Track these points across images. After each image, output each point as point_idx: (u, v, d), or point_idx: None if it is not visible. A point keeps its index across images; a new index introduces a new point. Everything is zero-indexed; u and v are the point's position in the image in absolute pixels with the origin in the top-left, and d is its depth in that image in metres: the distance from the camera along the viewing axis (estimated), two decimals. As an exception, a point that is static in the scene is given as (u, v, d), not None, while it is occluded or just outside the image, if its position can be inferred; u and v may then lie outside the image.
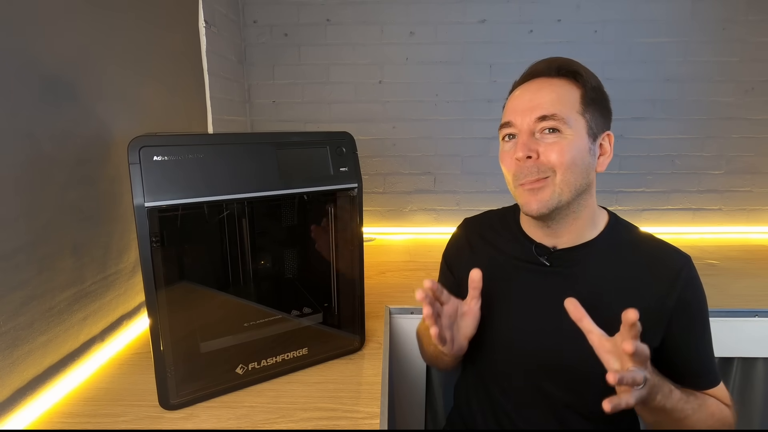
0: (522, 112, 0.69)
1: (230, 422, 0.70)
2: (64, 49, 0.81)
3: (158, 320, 0.68)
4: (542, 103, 0.68)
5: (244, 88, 1.77)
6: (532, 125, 0.68)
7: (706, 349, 0.72)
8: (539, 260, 0.75)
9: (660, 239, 0.75)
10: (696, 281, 0.71)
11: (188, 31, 1.30)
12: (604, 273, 0.72)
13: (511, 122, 0.71)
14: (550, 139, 0.68)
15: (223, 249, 0.81)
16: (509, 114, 0.72)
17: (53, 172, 0.78)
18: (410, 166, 1.85)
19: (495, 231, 0.83)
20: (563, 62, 0.71)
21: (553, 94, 0.69)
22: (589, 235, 0.74)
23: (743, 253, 1.60)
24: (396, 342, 1.13)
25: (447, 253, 0.91)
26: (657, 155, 1.80)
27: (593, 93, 0.70)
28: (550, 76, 0.71)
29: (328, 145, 0.79)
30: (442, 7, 1.71)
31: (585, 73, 0.70)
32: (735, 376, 1.21)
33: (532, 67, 0.73)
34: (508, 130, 0.72)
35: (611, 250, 0.73)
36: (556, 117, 0.67)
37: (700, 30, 1.69)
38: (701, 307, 0.71)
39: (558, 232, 0.73)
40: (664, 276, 0.69)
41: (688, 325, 0.70)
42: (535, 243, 0.76)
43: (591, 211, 0.74)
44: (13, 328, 0.69)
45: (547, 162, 0.67)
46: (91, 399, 0.76)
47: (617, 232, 0.75)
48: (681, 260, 0.71)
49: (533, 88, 0.71)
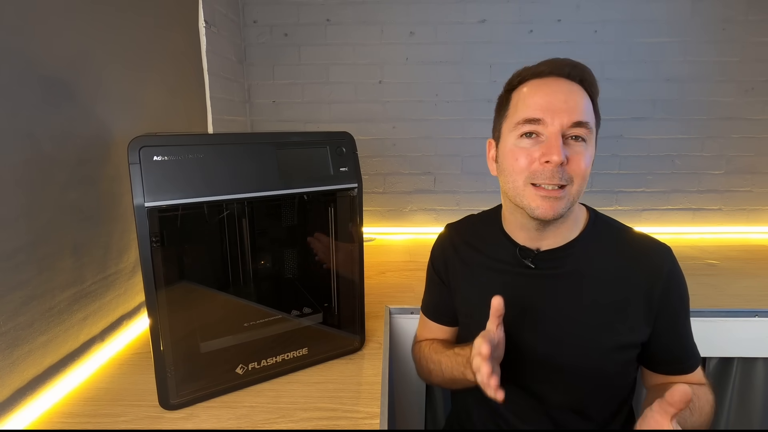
0: (556, 112, 0.65)
1: (230, 422, 0.70)
2: (64, 49, 0.81)
3: (158, 320, 0.68)
4: (578, 108, 0.65)
5: (244, 88, 1.77)
6: (565, 128, 0.65)
7: (688, 335, 0.74)
8: (524, 263, 0.74)
9: (639, 232, 0.75)
10: (678, 271, 0.72)
11: (188, 31, 1.30)
12: (589, 271, 0.72)
13: (542, 120, 0.65)
14: (576, 147, 0.66)
15: (223, 249, 0.81)
16: (538, 110, 0.66)
17: (53, 172, 0.78)
18: (410, 166, 1.85)
19: (479, 235, 0.83)
20: (585, 69, 0.68)
21: (584, 101, 0.67)
22: (572, 234, 0.74)
23: (743, 253, 1.60)
24: (396, 342, 1.13)
25: (434, 260, 0.90)
26: (657, 155, 1.80)
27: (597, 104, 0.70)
28: (574, 80, 0.68)
29: (328, 145, 0.79)
30: (442, 7, 1.71)
31: (596, 85, 0.69)
32: (735, 376, 1.21)
33: (553, 64, 0.68)
34: (533, 128, 0.66)
35: (594, 248, 0.73)
36: (588, 126, 0.66)
37: (700, 30, 1.69)
38: (683, 297, 0.73)
39: (544, 234, 0.73)
40: (648, 270, 0.70)
41: (673, 315, 0.71)
42: (519, 246, 0.76)
43: (575, 214, 0.74)
44: (13, 328, 0.69)
45: (570, 170, 0.65)
46: (91, 399, 0.76)
47: (598, 228, 0.75)
48: (663, 252, 0.72)
49: (564, 89, 0.67)
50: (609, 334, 0.69)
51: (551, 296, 0.72)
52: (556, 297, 0.72)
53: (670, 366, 0.74)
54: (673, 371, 0.73)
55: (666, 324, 0.71)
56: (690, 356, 0.73)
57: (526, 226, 0.73)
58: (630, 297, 0.70)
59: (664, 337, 0.71)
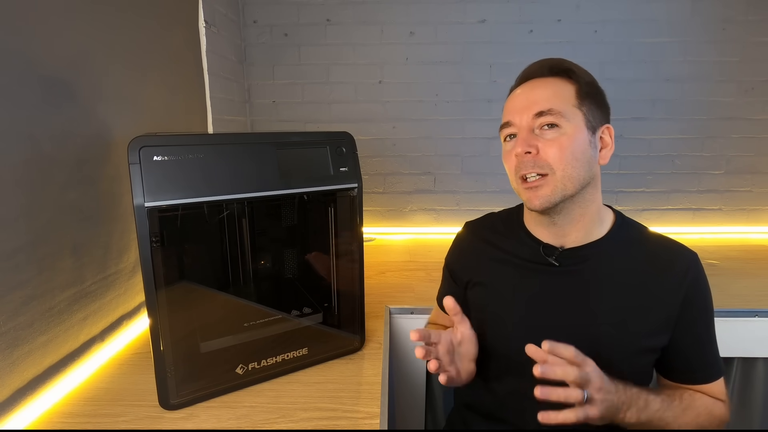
0: (519, 111, 0.71)
1: (230, 422, 0.70)
2: (64, 49, 0.81)
3: (158, 320, 0.68)
4: (538, 100, 0.69)
5: (244, 88, 1.77)
6: (531, 122, 0.69)
7: (711, 343, 0.72)
8: (547, 260, 0.74)
9: (668, 237, 0.75)
10: (703, 279, 0.71)
11: (188, 31, 1.30)
12: (613, 272, 0.71)
13: (510, 122, 0.72)
14: (549, 135, 0.68)
15: (223, 249, 0.81)
16: (508, 114, 0.73)
17: (53, 172, 0.78)
18: (410, 166, 1.85)
19: (499, 233, 0.82)
20: (555, 62, 0.73)
21: (548, 90, 0.70)
22: (597, 233, 0.74)
23: (743, 253, 1.60)
24: (396, 342, 1.13)
25: (449, 260, 0.89)
26: (657, 155, 1.80)
27: (587, 87, 0.71)
28: (544, 75, 0.72)
29: (328, 145, 0.79)
30: (442, 7, 1.71)
31: (577, 70, 0.71)
32: (735, 376, 1.21)
33: (526, 70, 0.75)
34: (509, 130, 0.73)
35: (620, 249, 0.73)
36: (552, 111, 0.68)
37: (700, 30, 1.69)
38: (707, 305, 0.72)
39: (565, 229, 0.73)
40: (672, 275, 0.70)
41: (695, 323, 0.70)
42: (542, 243, 0.75)
43: (597, 207, 0.74)
44: (13, 328, 0.69)
45: (546, 158, 0.68)
46: (91, 399, 0.76)
47: (625, 230, 0.75)
48: (689, 259, 0.71)
49: (528, 88, 0.73)
50: (628, 337, 0.69)
51: (571, 294, 0.72)
52: (576, 295, 0.72)
53: (685, 375, 0.72)
54: (688, 380, 0.72)
55: (685, 331, 0.70)
56: (708, 366, 0.71)
57: (542, 222, 0.75)
58: (652, 301, 0.69)
59: (682, 345, 0.70)
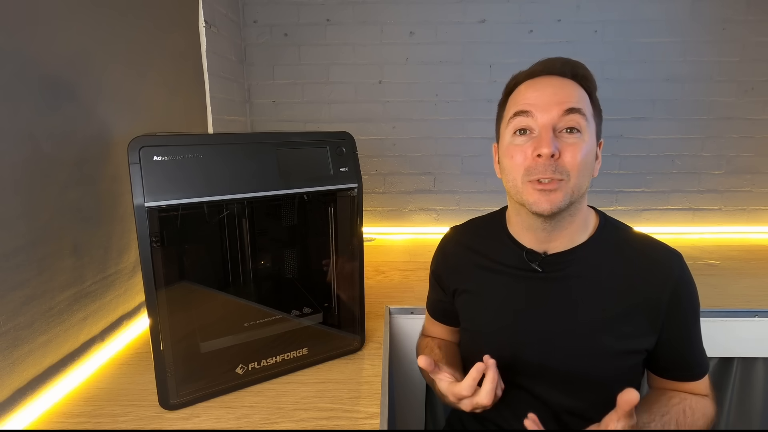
0: (546, 104, 0.65)
1: (230, 422, 0.70)
2: (64, 49, 0.81)
3: (158, 320, 0.68)
4: (569, 98, 0.66)
5: (244, 88, 1.77)
6: (557, 119, 0.65)
7: (697, 342, 0.73)
8: (531, 266, 0.73)
9: (650, 237, 0.74)
10: (688, 278, 0.71)
11: (188, 31, 1.30)
12: (597, 276, 0.71)
13: (531, 113, 0.66)
14: (570, 139, 0.65)
15: (223, 249, 0.81)
16: (526, 103, 0.67)
17: (53, 172, 0.78)
18: (410, 166, 1.85)
19: (482, 239, 0.82)
20: (577, 65, 0.69)
21: (576, 92, 0.67)
22: (580, 238, 0.73)
23: (743, 253, 1.60)
24: (396, 342, 1.13)
25: (435, 268, 0.88)
26: (657, 155, 1.80)
27: (596, 98, 0.70)
28: (566, 76, 0.69)
29: (328, 145, 0.79)
30: (442, 7, 1.71)
31: (591, 79, 0.70)
32: (735, 376, 1.21)
33: (545, 63, 0.70)
34: (525, 122, 0.67)
35: (603, 252, 0.72)
36: (582, 112, 0.65)
37: (700, 30, 1.69)
38: (694, 303, 0.71)
39: (552, 235, 0.72)
40: (657, 276, 0.69)
41: (681, 323, 0.70)
42: (525, 249, 0.75)
43: (584, 214, 0.73)
44: (13, 328, 0.69)
45: (564, 163, 0.65)
46: (91, 399, 0.76)
47: (608, 232, 0.74)
48: (673, 259, 0.71)
49: (554, 83, 0.67)
50: (614, 340, 0.69)
51: (557, 300, 0.72)
52: (561, 301, 0.71)
53: (673, 373, 0.73)
54: (676, 378, 0.73)
55: (672, 332, 0.70)
56: (695, 365, 0.72)
57: (532, 227, 0.72)
58: (637, 303, 0.69)
59: (669, 345, 0.70)
